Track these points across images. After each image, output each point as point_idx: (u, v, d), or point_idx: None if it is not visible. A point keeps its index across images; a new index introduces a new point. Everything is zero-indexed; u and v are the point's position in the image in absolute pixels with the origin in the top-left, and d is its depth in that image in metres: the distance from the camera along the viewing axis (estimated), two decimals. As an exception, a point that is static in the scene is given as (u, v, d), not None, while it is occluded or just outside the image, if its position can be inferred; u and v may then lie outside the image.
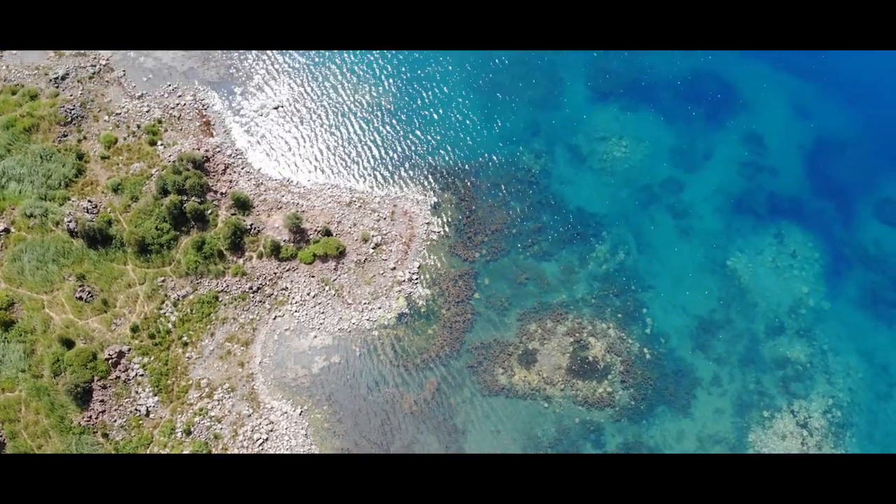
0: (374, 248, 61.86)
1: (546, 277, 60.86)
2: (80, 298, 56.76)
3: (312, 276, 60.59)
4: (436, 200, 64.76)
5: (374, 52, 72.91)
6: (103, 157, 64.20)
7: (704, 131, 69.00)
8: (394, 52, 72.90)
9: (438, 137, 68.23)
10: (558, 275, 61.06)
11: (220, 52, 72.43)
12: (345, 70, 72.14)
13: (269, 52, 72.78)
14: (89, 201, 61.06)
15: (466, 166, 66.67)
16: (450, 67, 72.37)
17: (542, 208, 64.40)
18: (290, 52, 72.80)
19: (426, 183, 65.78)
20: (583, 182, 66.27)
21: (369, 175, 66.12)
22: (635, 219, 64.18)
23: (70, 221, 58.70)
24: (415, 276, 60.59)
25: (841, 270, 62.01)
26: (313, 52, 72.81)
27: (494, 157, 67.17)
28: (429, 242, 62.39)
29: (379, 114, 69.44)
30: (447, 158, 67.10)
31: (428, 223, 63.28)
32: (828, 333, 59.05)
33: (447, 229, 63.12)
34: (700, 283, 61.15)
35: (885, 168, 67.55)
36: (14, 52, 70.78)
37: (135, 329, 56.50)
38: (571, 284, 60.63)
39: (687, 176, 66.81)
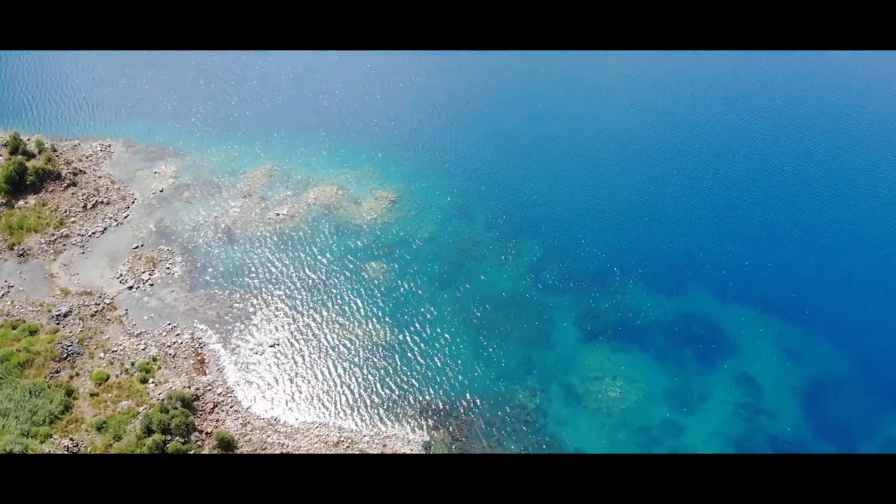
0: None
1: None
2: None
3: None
4: (427, 440, 62.89)
5: (363, 292, 75.50)
6: (92, 395, 63.55)
7: (697, 373, 69.19)
8: (383, 290, 75.51)
9: (430, 374, 68.16)
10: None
11: (223, 291, 74.98)
12: (339, 306, 74.14)
13: (268, 292, 75.35)
14: (71, 439, 59.27)
15: (459, 404, 65.75)
16: (441, 305, 74.48)
17: (539, 450, 62.38)
18: (290, 293, 75.38)
19: (417, 421, 64.37)
20: (579, 423, 64.90)
21: (359, 413, 64.93)
22: (635, 462, 61.78)
23: (46, 461, 56.34)
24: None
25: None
26: (308, 297, 75.35)
27: (488, 395, 66.52)
28: (420, 487, 59.35)
29: (371, 350, 70.05)
30: (439, 395, 66.40)
31: (419, 465, 60.72)
32: None
33: (439, 472, 60.38)
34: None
35: (884, 407, 66.64)
36: (21, 287, 73.37)
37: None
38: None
39: (684, 418, 65.65)
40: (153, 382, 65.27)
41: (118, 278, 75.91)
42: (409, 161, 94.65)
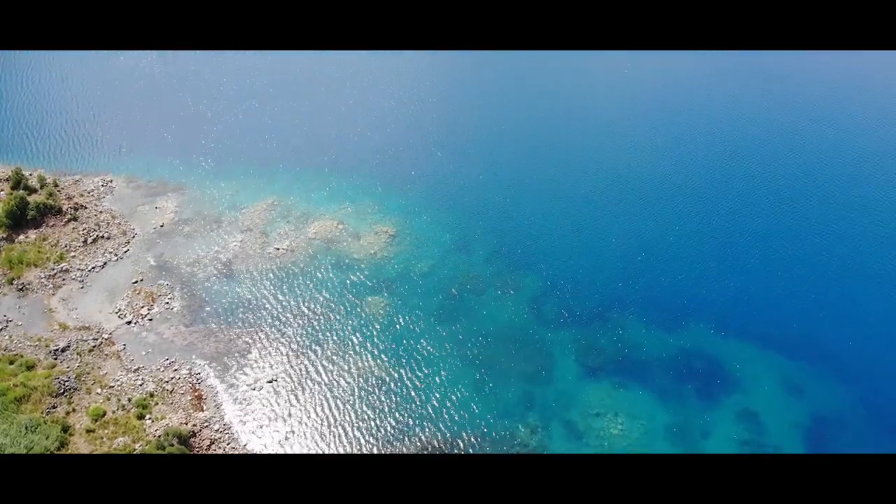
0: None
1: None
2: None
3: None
4: (427, 479, 61.95)
5: (361, 328, 75.20)
6: (88, 431, 62.88)
7: (699, 409, 68.54)
8: (381, 325, 75.23)
9: (428, 411, 67.48)
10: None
11: (222, 326, 74.72)
12: (336, 342, 73.79)
13: (266, 327, 75.07)
14: (65, 477, 58.45)
15: (457, 442, 64.95)
16: (439, 340, 74.11)
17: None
18: (288, 329, 75.10)
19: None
20: (580, 460, 64.03)
21: (356, 450, 64.15)
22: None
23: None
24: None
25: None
26: (306, 333, 75.06)
27: (487, 433, 65.77)
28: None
29: (368, 387, 69.48)
30: (437, 433, 65.61)
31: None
32: None
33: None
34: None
35: (890, 443, 65.85)
36: (19, 322, 73.09)
37: None
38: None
39: (687, 454, 64.94)
40: (150, 419, 64.65)
41: (117, 313, 75.70)
42: (408, 195, 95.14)
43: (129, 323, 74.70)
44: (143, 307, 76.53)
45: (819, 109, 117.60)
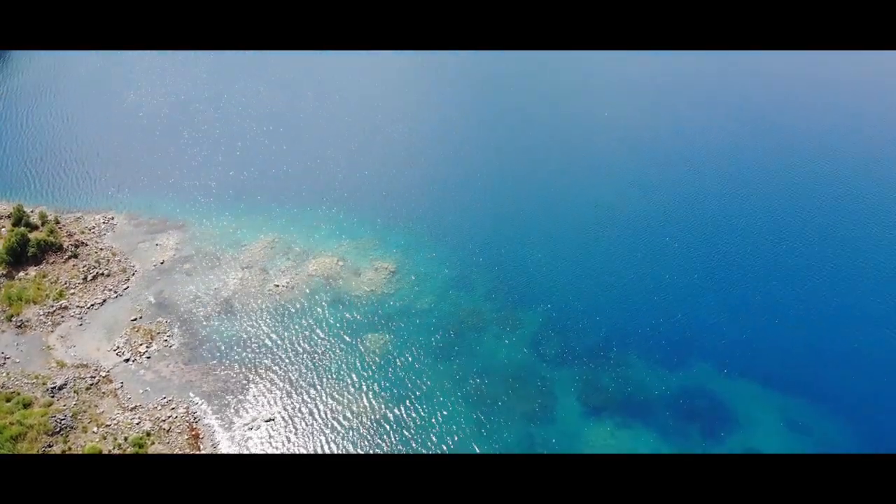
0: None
1: None
2: None
3: None
4: (426, 521, 60.90)
5: (359, 366, 74.67)
6: (83, 471, 62.02)
7: (702, 449, 67.52)
8: (379, 363, 74.69)
9: (428, 451, 66.58)
10: None
11: (220, 364, 74.21)
12: (334, 381, 73.22)
13: (264, 366, 74.55)
14: (58, 519, 57.51)
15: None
16: (439, 378, 73.47)
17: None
18: (286, 367, 74.58)
19: None
20: None
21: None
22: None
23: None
24: None
25: None
26: (304, 371, 74.55)
27: (488, 474, 64.76)
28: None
29: (365, 427, 68.64)
30: (439, 475, 64.65)
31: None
32: None
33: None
34: None
35: None
36: (17, 359, 72.67)
37: None
38: None
39: (690, 496, 63.75)
40: (146, 458, 63.84)
41: (115, 350, 75.30)
42: (408, 231, 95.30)
43: (126, 360, 74.26)
44: (141, 344, 76.16)
45: (813, 149, 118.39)
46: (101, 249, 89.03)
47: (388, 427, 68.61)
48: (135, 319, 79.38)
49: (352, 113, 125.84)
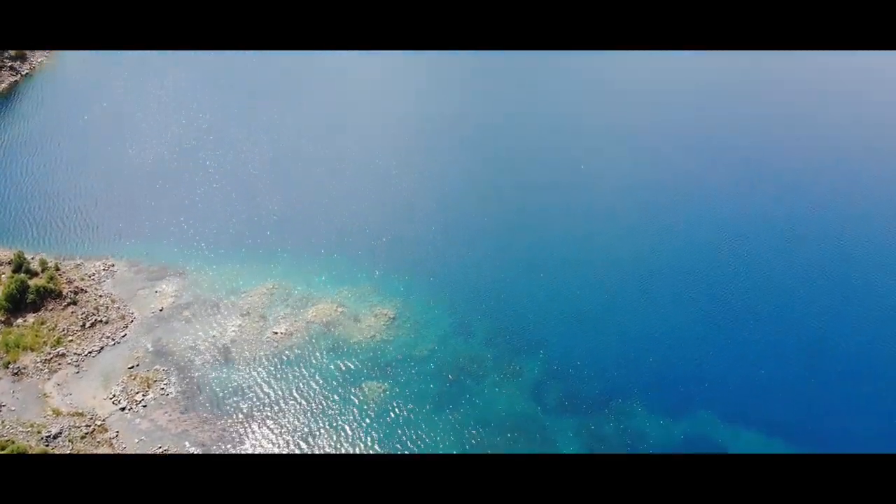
0: None
1: None
2: None
3: None
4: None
5: (355, 417, 73.84)
6: (74, 524, 60.90)
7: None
8: (375, 413, 73.87)
9: None
10: None
11: (216, 413, 73.50)
12: (329, 433, 72.52)
13: (260, 416, 73.80)
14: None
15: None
16: (436, 428, 72.61)
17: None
18: (282, 417, 73.83)
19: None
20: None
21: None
22: None
23: None
24: None
25: None
26: (299, 422, 73.82)
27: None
28: None
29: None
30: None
31: None
32: None
33: None
34: None
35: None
36: (13, 407, 72.04)
37: None
38: None
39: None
40: (139, 511, 62.65)
41: (111, 399, 74.68)
42: (408, 277, 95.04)
43: (123, 409, 73.58)
44: (137, 393, 75.54)
45: (819, 193, 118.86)
46: (101, 296, 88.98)
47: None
48: (132, 367, 78.91)
49: (353, 159, 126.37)
